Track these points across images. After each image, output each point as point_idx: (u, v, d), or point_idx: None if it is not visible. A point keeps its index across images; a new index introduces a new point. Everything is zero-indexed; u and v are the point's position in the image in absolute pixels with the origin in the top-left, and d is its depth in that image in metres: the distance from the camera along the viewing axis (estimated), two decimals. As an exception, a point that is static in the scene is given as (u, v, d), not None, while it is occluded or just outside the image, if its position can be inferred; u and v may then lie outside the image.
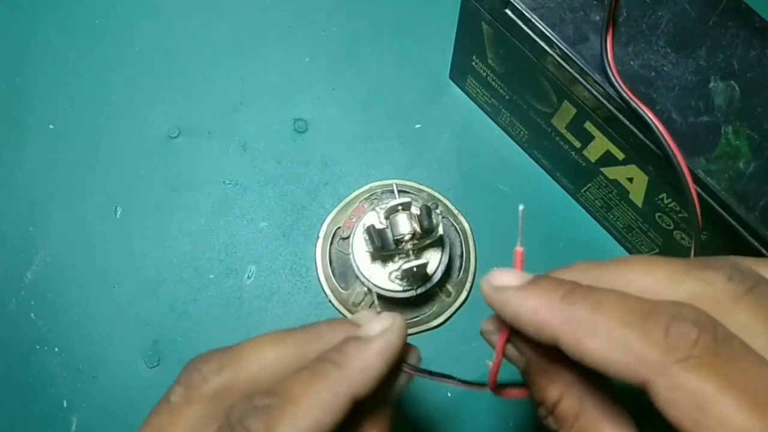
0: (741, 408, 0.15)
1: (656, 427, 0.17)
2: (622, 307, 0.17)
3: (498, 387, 0.22)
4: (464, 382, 0.23)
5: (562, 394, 0.19)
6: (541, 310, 0.18)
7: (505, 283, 0.20)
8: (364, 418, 0.22)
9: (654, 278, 0.18)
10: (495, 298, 0.20)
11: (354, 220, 0.38)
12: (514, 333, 0.21)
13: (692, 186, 0.26)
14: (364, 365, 0.20)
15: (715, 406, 0.15)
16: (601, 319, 0.17)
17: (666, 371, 0.16)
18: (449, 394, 0.37)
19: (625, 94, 0.27)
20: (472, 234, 0.39)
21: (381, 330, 0.21)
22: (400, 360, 0.22)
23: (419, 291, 0.35)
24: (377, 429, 0.22)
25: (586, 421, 0.19)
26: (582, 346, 0.17)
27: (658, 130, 0.26)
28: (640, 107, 0.27)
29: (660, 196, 0.31)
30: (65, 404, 0.37)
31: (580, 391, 0.19)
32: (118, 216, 0.40)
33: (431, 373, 0.23)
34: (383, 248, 0.33)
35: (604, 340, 0.17)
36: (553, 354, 0.19)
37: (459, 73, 0.41)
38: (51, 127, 0.42)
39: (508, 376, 0.23)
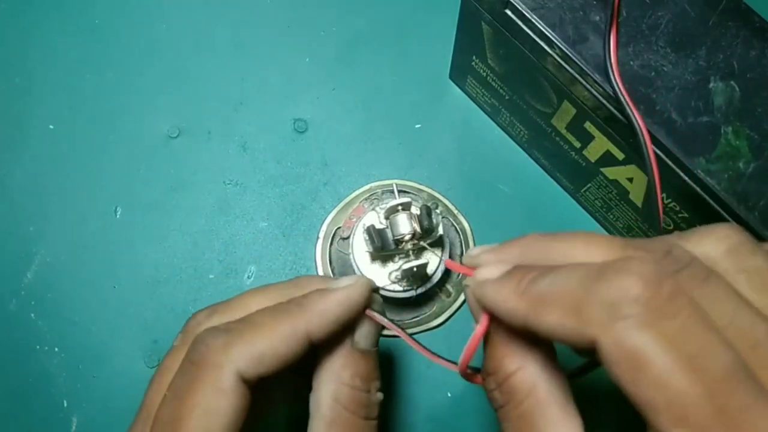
0: (678, 370, 0.15)
1: None
2: (572, 275, 0.18)
3: (469, 370, 0.23)
4: (433, 353, 0.25)
5: (519, 368, 0.20)
6: (510, 300, 0.19)
7: (486, 276, 0.21)
8: (328, 358, 0.25)
9: (593, 252, 0.19)
10: (477, 293, 0.21)
11: (354, 220, 0.38)
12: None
13: (660, 202, 0.26)
14: (323, 309, 0.23)
15: (653, 367, 0.15)
16: (555, 292, 0.18)
17: (609, 329, 0.16)
18: (449, 394, 0.37)
19: (621, 96, 0.27)
20: (472, 234, 0.39)
21: (345, 284, 0.24)
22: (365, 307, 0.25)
23: (419, 291, 0.35)
24: (352, 368, 0.24)
25: (536, 401, 0.19)
26: (542, 324, 0.18)
27: (641, 132, 0.27)
28: (629, 106, 0.27)
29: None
30: (65, 404, 0.37)
31: (537, 371, 0.19)
32: (118, 216, 0.40)
33: (397, 326, 0.26)
34: (383, 248, 0.33)
35: (558, 310, 0.17)
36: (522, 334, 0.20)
37: (459, 73, 0.41)
38: (51, 127, 0.42)
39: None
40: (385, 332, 0.37)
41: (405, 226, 0.33)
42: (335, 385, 0.24)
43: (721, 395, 0.15)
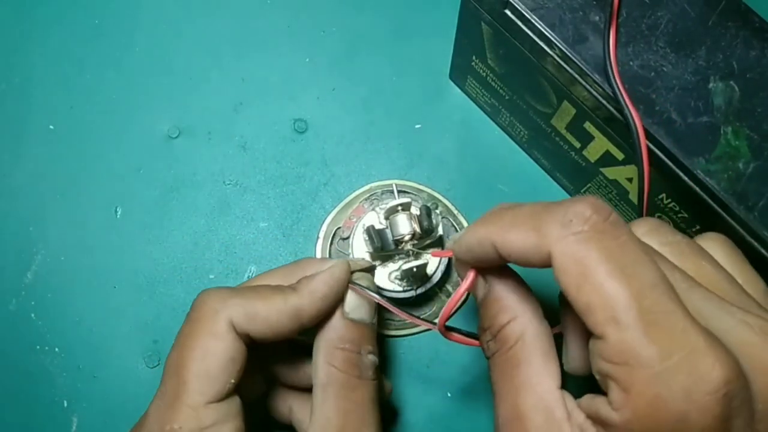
0: (613, 277, 0.18)
1: None
2: (536, 204, 0.21)
3: (447, 329, 0.26)
4: (412, 315, 0.28)
5: (510, 321, 0.23)
6: (482, 229, 0.23)
7: (461, 233, 0.25)
8: (322, 328, 0.28)
9: None
10: (456, 245, 0.25)
11: (354, 220, 0.38)
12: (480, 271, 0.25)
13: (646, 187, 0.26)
14: (311, 289, 0.27)
15: (594, 274, 0.18)
16: (521, 215, 0.21)
17: (562, 241, 0.19)
18: (449, 394, 0.37)
19: (620, 95, 0.27)
20: (472, 234, 0.39)
21: (329, 266, 0.28)
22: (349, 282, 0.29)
23: (419, 291, 0.35)
24: (341, 332, 0.28)
25: (523, 345, 0.22)
26: (508, 243, 0.21)
27: (636, 132, 0.27)
28: (628, 107, 0.27)
29: (660, 197, 0.31)
30: (65, 404, 0.37)
31: (525, 324, 0.23)
32: (118, 216, 0.40)
33: (380, 296, 0.29)
34: (383, 248, 0.33)
35: (522, 229, 0.21)
36: (510, 290, 0.24)
37: (459, 73, 0.41)
38: (51, 127, 0.42)
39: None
40: (386, 332, 0.38)
41: (405, 226, 0.33)
42: (326, 348, 0.27)
43: (647, 299, 0.18)
